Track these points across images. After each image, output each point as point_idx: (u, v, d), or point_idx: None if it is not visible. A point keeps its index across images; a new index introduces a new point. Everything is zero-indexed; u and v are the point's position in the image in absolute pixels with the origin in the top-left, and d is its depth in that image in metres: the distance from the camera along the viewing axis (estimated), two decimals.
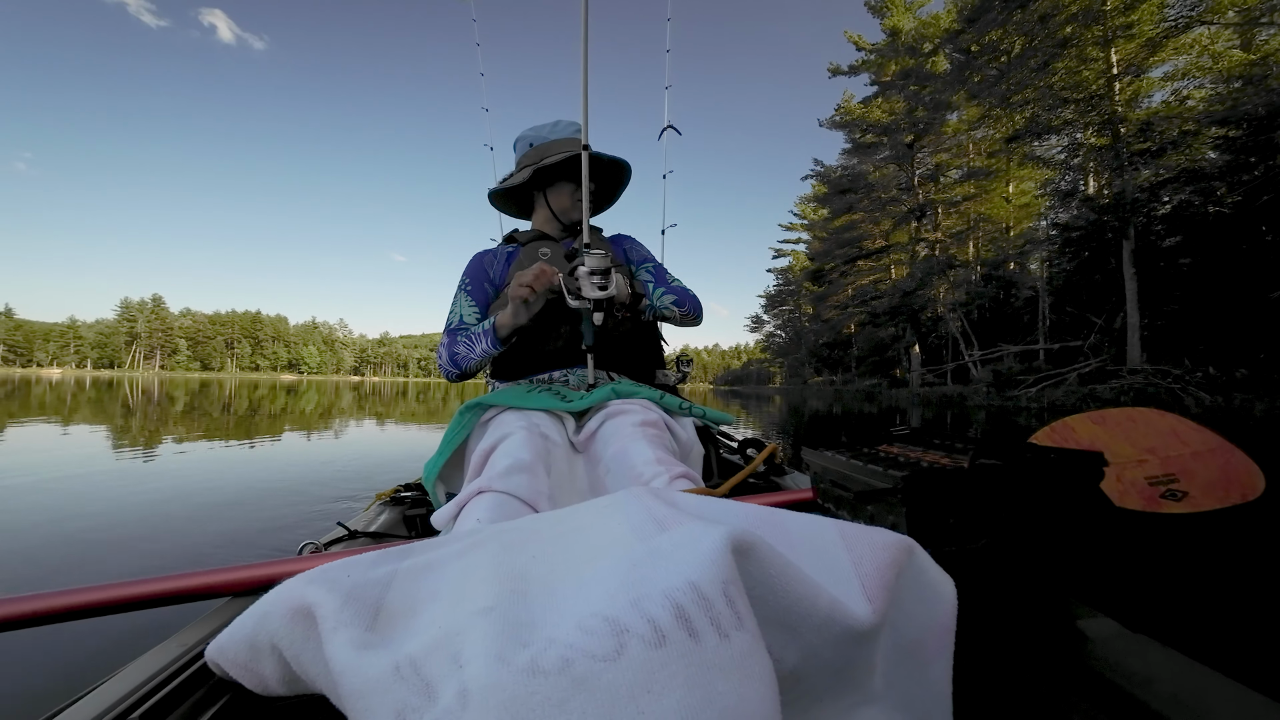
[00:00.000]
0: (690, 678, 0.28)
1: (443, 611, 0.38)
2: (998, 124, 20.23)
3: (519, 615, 0.36)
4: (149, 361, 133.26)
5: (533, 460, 0.93)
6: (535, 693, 0.27)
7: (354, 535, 0.96)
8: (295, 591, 0.41)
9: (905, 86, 25.49)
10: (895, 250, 29.59)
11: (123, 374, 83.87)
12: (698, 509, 0.53)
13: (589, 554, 0.44)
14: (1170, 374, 12.91)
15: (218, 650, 0.44)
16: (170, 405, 10.16)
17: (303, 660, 0.39)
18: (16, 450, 4.15)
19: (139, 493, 2.79)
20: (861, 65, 28.79)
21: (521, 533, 0.49)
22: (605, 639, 0.29)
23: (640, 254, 1.55)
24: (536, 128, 1.47)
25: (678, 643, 0.29)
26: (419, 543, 0.51)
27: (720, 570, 0.32)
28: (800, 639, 0.37)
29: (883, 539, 0.43)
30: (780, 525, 0.48)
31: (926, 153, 26.58)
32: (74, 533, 2.07)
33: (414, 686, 0.31)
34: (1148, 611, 1.32)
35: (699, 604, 0.30)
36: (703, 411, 1.21)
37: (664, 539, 0.38)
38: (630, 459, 0.96)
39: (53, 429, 5.48)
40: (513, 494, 0.86)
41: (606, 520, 0.50)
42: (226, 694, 0.47)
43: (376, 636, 0.37)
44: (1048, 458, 0.61)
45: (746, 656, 0.30)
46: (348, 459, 4.20)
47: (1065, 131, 16.64)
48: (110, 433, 5.37)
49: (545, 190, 1.45)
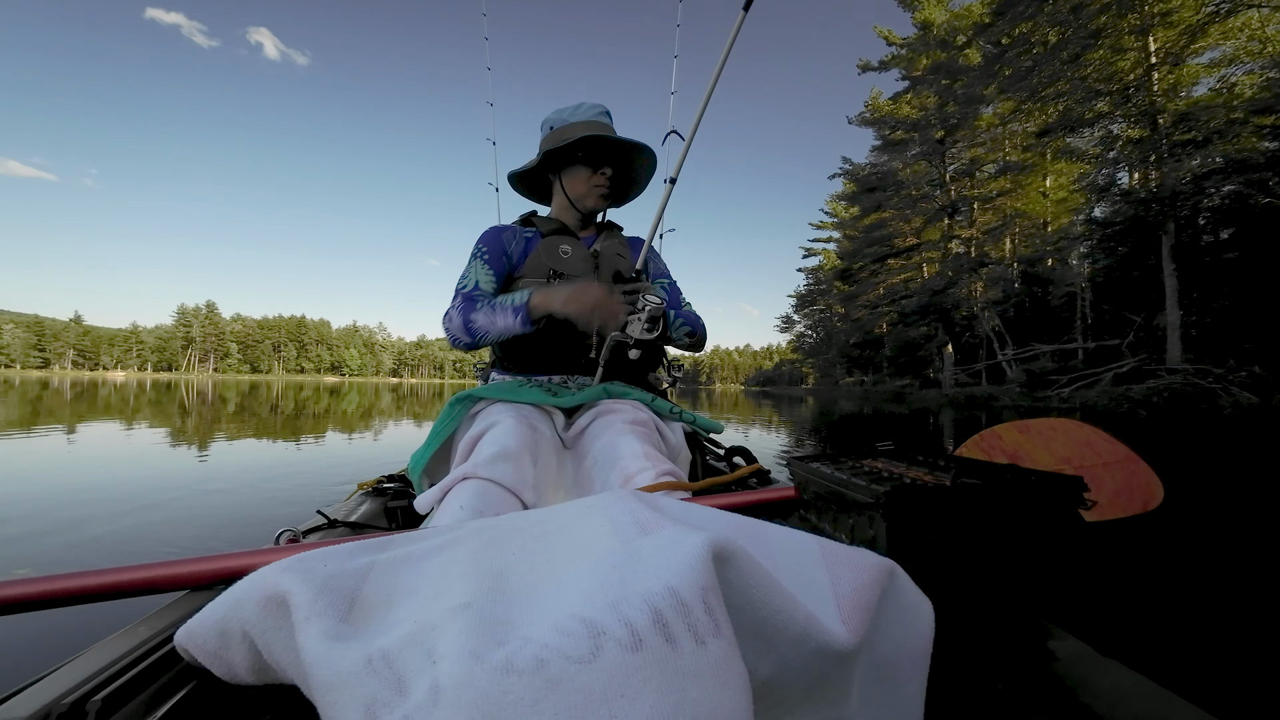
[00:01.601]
0: (664, 683, 0.28)
1: (419, 606, 0.39)
2: (1030, 118, 19.71)
3: (496, 613, 0.36)
4: (203, 364, 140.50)
5: (519, 449, 0.94)
6: (508, 692, 0.27)
7: (333, 524, 0.96)
8: (269, 579, 0.41)
9: (937, 81, 25.03)
10: (926, 248, 29.04)
11: (179, 376, 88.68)
12: (681, 514, 0.53)
13: (570, 554, 0.45)
14: (1211, 373, 12.43)
15: (187, 636, 0.43)
16: (249, 407, 10.93)
17: (274, 649, 0.39)
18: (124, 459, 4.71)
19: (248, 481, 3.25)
20: (892, 61, 28.34)
21: (502, 530, 0.50)
22: (581, 640, 0.29)
23: (658, 268, 1.52)
24: (559, 110, 1.40)
25: (654, 647, 0.29)
26: (399, 535, 0.51)
27: (700, 577, 0.32)
28: (775, 651, 0.37)
29: (863, 560, 0.44)
30: (761, 536, 0.49)
31: (960, 148, 26.02)
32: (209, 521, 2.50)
33: (386, 680, 0.31)
34: (1116, 634, 1.37)
35: (677, 609, 0.31)
36: (693, 417, 1.21)
37: (645, 542, 0.39)
38: (618, 452, 0.96)
39: (156, 437, 6.10)
40: (497, 481, 0.86)
41: (589, 521, 0.50)
42: (193, 680, 0.46)
43: (350, 628, 0.37)
44: (1029, 479, 0.61)
45: (722, 664, 0.30)
46: (390, 453, 4.64)
47: (1100, 124, 16.15)
48: (205, 433, 5.97)
49: (561, 175, 1.38)
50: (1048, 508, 0.60)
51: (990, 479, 0.61)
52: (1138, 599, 1.62)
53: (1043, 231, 24.30)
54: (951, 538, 0.57)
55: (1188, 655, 1.29)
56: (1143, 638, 1.37)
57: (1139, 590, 1.67)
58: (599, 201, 1.38)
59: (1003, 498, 0.59)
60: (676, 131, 1.53)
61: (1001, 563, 0.57)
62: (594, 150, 1.34)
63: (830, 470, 0.72)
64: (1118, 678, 0.50)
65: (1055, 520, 0.60)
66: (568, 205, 1.39)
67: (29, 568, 1.80)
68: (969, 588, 0.56)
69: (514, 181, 1.52)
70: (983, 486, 0.59)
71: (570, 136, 1.30)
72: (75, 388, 19.45)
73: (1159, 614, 1.53)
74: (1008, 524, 0.58)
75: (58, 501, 2.64)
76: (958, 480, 0.60)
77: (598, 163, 1.35)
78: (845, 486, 0.65)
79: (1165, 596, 1.66)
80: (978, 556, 0.57)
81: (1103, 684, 0.50)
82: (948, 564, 0.56)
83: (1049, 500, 0.60)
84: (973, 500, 0.58)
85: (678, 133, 1.53)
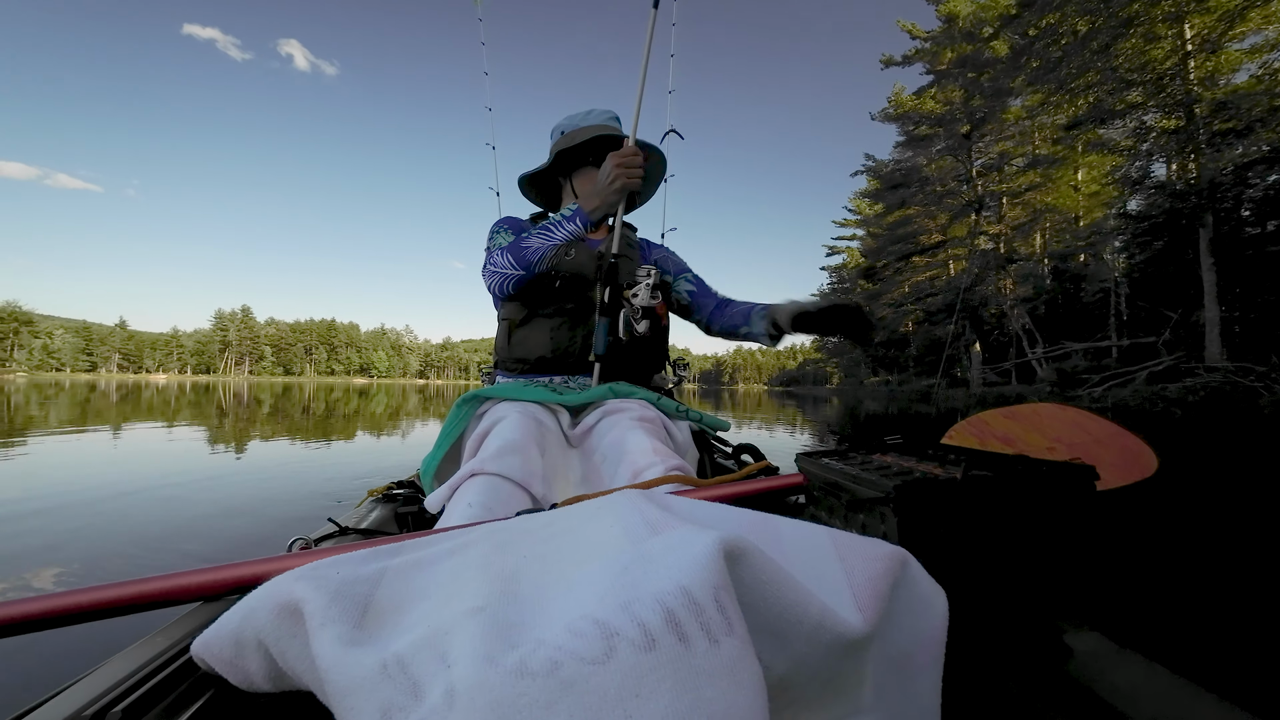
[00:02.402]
0: (679, 683, 0.28)
1: (432, 610, 0.39)
2: (1058, 110, 19.20)
3: (509, 616, 0.36)
4: (239, 367, 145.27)
5: (525, 441, 0.94)
6: (523, 694, 0.27)
7: (344, 531, 0.97)
8: (283, 588, 0.41)
9: (962, 74, 24.54)
10: (953, 245, 28.46)
11: (217, 379, 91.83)
12: (690, 513, 0.53)
13: (580, 555, 0.45)
14: (1253, 371, 11.95)
15: (203, 646, 0.44)
16: (281, 408, 11.37)
17: (289, 657, 0.40)
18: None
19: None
20: (915, 55, 27.88)
21: (513, 532, 0.50)
22: (594, 642, 0.29)
23: (676, 264, 1.52)
24: (570, 116, 1.43)
25: (667, 647, 0.29)
26: (410, 540, 0.51)
27: (712, 575, 0.32)
28: (790, 647, 0.37)
29: (876, 549, 0.44)
30: (773, 531, 0.49)
31: (987, 142, 25.47)
32: None
33: (401, 685, 0.31)
34: (1135, 626, 1.35)
35: (689, 609, 0.30)
36: (699, 415, 1.22)
37: (656, 542, 0.39)
38: (627, 446, 0.96)
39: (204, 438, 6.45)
40: (505, 475, 0.87)
41: (599, 521, 0.50)
42: (211, 689, 0.47)
43: (364, 634, 0.37)
44: (1040, 470, 0.61)
45: (736, 663, 0.30)
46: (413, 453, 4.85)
47: (1132, 115, 15.66)
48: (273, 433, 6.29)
49: (571, 177, 1.40)
50: (1061, 498, 0.59)
51: (1001, 471, 0.60)
52: (1157, 590, 1.59)
53: (1074, 226, 23.63)
54: (964, 531, 0.56)
55: (1210, 647, 1.26)
56: (1162, 629, 1.34)
57: (1158, 581, 1.64)
58: None
59: (1015, 490, 0.58)
60: (675, 130, 1.54)
61: (1015, 555, 0.57)
62: (604, 151, 1.35)
63: (839, 465, 0.72)
64: (1136, 670, 0.50)
65: (1069, 511, 0.59)
66: None
67: (73, 564, 1.99)
68: (982, 582, 0.56)
69: (523, 185, 1.52)
70: (994, 479, 0.58)
71: (579, 139, 1.33)
72: (120, 390, 20.38)
73: (1179, 605, 1.49)
74: (1021, 516, 0.58)
75: (107, 493, 2.87)
76: (968, 473, 0.59)
77: None
78: (855, 481, 0.64)
79: (1186, 588, 1.62)
80: (991, 550, 0.56)
81: (1121, 677, 0.49)
82: (960, 558, 0.56)
83: (1062, 491, 0.59)
84: (984, 493, 0.57)
85: (676, 131, 1.54)
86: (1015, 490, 0.58)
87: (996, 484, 0.58)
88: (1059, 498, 0.59)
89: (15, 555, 1.92)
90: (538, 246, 1.21)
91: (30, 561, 1.87)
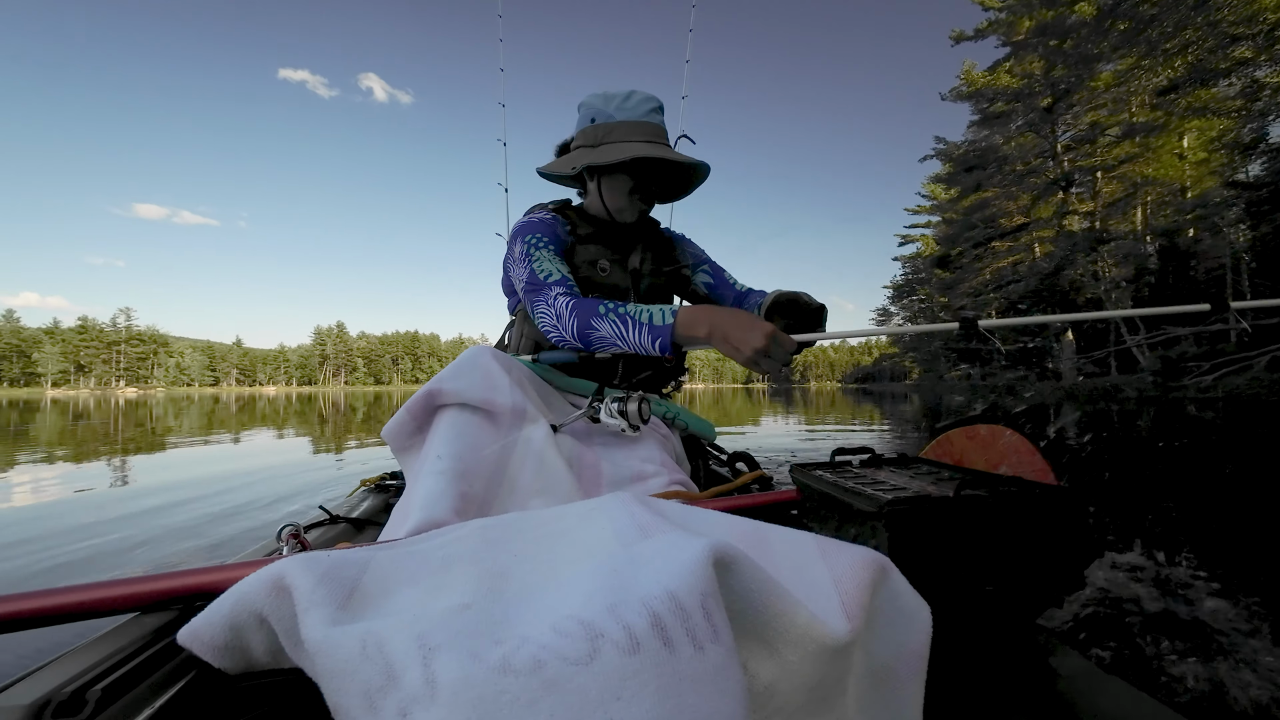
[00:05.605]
0: (662, 687, 0.28)
1: (418, 599, 0.40)
2: (1152, 74, 17.41)
3: (495, 612, 0.36)
4: (336, 378, 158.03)
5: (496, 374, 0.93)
6: (505, 691, 0.27)
7: (335, 520, 0.95)
8: (274, 571, 0.41)
9: (1042, 43, 22.78)
10: (1036, 227, 26.40)
11: (318, 389, 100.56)
12: (682, 518, 0.53)
13: (570, 556, 0.45)
14: None
15: (190, 633, 0.43)
16: (374, 415, 12.54)
17: (286, 635, 0.40)
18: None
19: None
20: (988, 27, 26.15)
21: (505, 529, 0.50)
22: (579, 642, 0.29)
23: (694, 253, 1.47)
24: (606, 97, 1.23)
25: (652, 651, 0.29)
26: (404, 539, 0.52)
27: (699, 582, 0.33)
28: (777, 655, 0.37)
29: (860, 556, 0.44)
30: (763, 539, 0.49)
31: (1075, 113, 23.46)
32: None
33: (378, 665, 0.31)
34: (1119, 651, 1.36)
35: (676, 614, 0.31)
36: (685, 423, 1.20)
37: (646, 546, 0.39)
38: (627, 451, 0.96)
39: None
40: (464, 400, 0.87)
41: (590, 523, 0.50)
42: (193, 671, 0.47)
43: (347, 615, 0.37)
44: (1032, 493, 0.61)
45: (720, 670, 0.30)
46: None
47: (1240, 72, 14.00)
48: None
49: (600, 177, 1.24)
50: (1051, 522, 0.59)
51: (993, 491, 0.61)
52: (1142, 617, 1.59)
53: (1179, 198, 21.30)
54: (953, 549, 0.56)
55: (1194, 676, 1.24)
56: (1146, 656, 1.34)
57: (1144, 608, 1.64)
58: (641, 216, 1.31)
59: (1006, 511, 0.58)
60: (686, 136, 1.52)
61: (1004, 576, 0.57)
62: (643, 167, 1.20)
63: (833, 478, 0.72)
64: (1119, 695, 0.49)
65: (1059, 535, 0.59)
66: (603, 209, 1.28)
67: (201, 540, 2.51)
68: (970, 600, 0.56)
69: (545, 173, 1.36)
70: (986, 499, 0.58)
71: (614, 156, 1.14)
72: (238, 400, 22.91)
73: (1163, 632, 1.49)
74: (1010, 537, 0.58)
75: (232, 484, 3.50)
76: (960, 492, 0.59)
77: (645, 180, 1.23)
78: (848, 495, 0.64)
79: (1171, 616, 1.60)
80: (980, 569, 0.57)
81: (1104, 702, 0.49)
82: (949, 575, 0.56)
83: (1052, 515, 0.59)
84: (975, 512, 0.57)
85: (688, 137, 1.51)
86: (1007, 511, 0.58)
87: (988, 504, 0.58)
88: (1051, 520, 0.59)
89: None
90: (607, 339, 1.02)
91: None
